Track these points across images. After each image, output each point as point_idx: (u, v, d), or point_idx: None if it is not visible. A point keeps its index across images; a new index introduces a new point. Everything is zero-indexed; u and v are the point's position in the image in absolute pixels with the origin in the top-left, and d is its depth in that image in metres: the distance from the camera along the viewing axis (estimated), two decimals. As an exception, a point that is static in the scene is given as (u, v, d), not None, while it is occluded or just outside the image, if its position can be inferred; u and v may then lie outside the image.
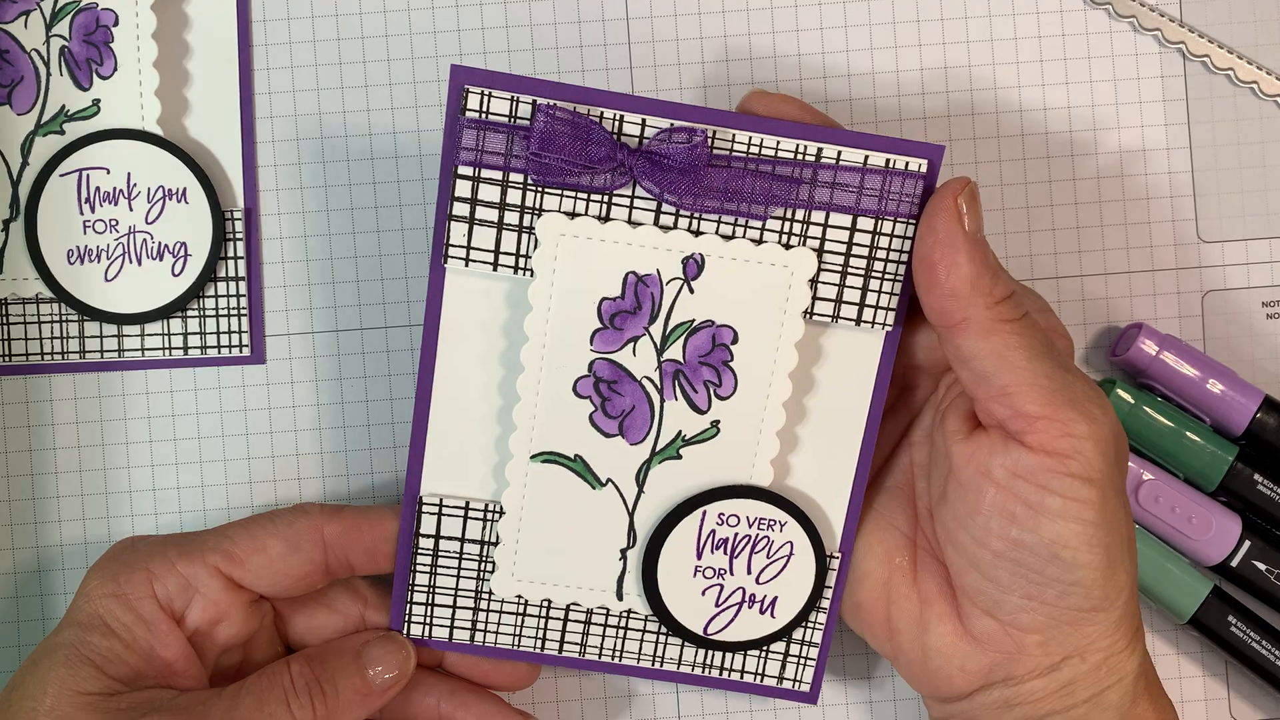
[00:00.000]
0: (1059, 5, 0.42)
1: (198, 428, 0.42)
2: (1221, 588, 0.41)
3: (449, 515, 0.37)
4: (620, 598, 0.38)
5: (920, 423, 0.38)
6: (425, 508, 0.37)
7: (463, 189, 0.34)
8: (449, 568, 0.38)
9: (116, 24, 0.40)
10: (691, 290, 0.35)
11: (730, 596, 0.38)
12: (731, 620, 0.38)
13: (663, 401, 0.36)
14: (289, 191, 0.42)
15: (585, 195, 0.34)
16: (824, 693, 0.43)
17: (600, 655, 0.39)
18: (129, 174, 0.41)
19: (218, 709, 0.35)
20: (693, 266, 0.35)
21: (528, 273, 0.35)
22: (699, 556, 0.37)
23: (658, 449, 0.36)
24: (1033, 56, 0.42)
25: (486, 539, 0.38)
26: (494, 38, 0.42)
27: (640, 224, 0.35)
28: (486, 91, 0.33)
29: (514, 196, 0.34)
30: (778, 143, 0.34)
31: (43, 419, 0.42)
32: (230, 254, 0.42)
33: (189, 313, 0.42)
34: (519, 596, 0.38)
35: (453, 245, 0.35)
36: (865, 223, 0.35)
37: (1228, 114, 0.43)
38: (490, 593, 0.38)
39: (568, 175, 0.34)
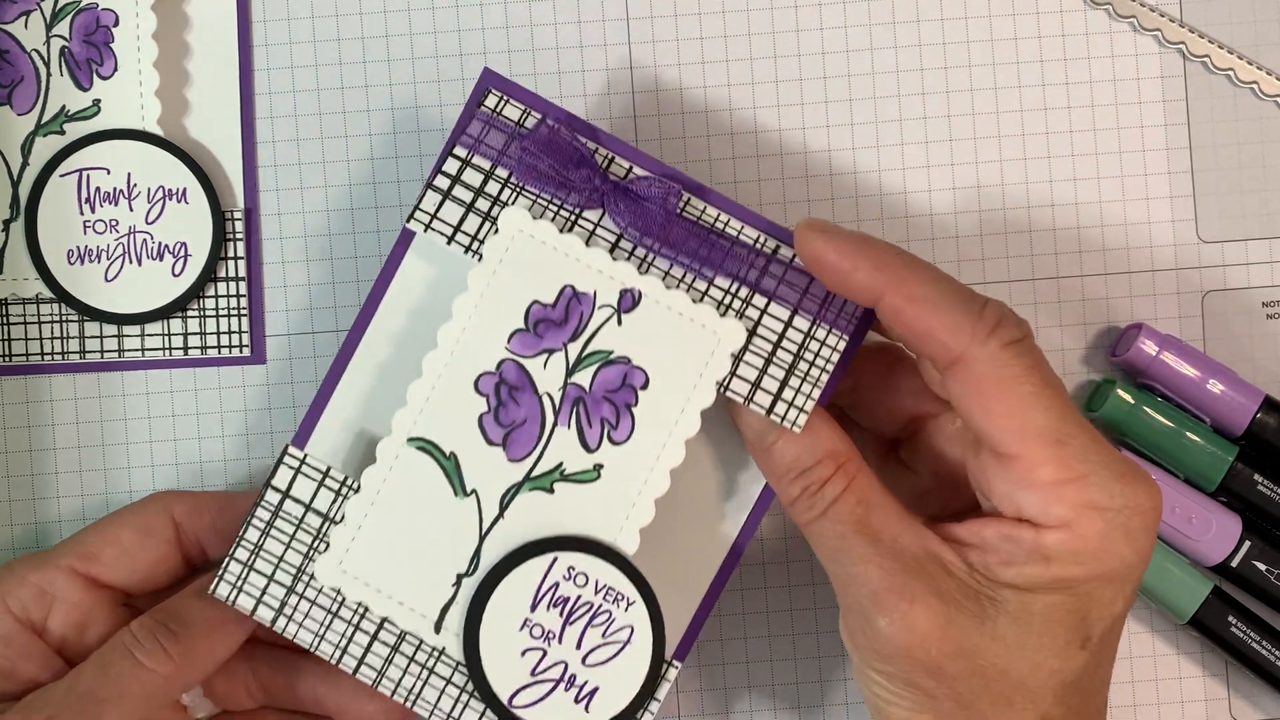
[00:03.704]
0: (1059, 5, 0.42)
1: (198, 428, 0.42)
2: (1221, 588, 0.41)
3: (306, 476, 0.36)
4: (438, 630, 0.35)
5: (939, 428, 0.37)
6: (287, 459, 0.36)
7: (451, 166, 0.35)
8: (283, 532, 0.36)
9: (116, 24, 0.40)
10: (620, 323, 0.35)
11: (549, 670, 0.35)
12: (542, 698, 0.35)
13: (555, 425, 0.35)
14: (289, 191, 0.42)
15: (556, 206, 0.35)
16: (824, 692, 0.43)
17: (395, 693, 0.36)
18: (129, 174, 0.41)
19: (58, 690, 0.34)
20: (628, 299, 0.35)
21: (478, 256, 0.35)
22: (532, 609, 0.35)
23: (533, 474, 0.35)
24: (1033, 56, 0.42)
25: (331, 515, 0.36)
26: (494, 38, 0.42)
27: (595, 246, 0.35)
28: (504, 97, 0.36)
29: (492, 188, 0.35)
30: (741, 226, 0.35)
31: (43, 419, 0.42)
32: (230, 254, 0.42)
33: (189, 313, 0.42)
34: (337, 590, 0.35)
35: (421, 210, 0.35)
36: (802, 322, 0.35)
37: (1228, 114, 0.43)
38: (311, 576, 0.36)
39: (546, 184, 0.35)
